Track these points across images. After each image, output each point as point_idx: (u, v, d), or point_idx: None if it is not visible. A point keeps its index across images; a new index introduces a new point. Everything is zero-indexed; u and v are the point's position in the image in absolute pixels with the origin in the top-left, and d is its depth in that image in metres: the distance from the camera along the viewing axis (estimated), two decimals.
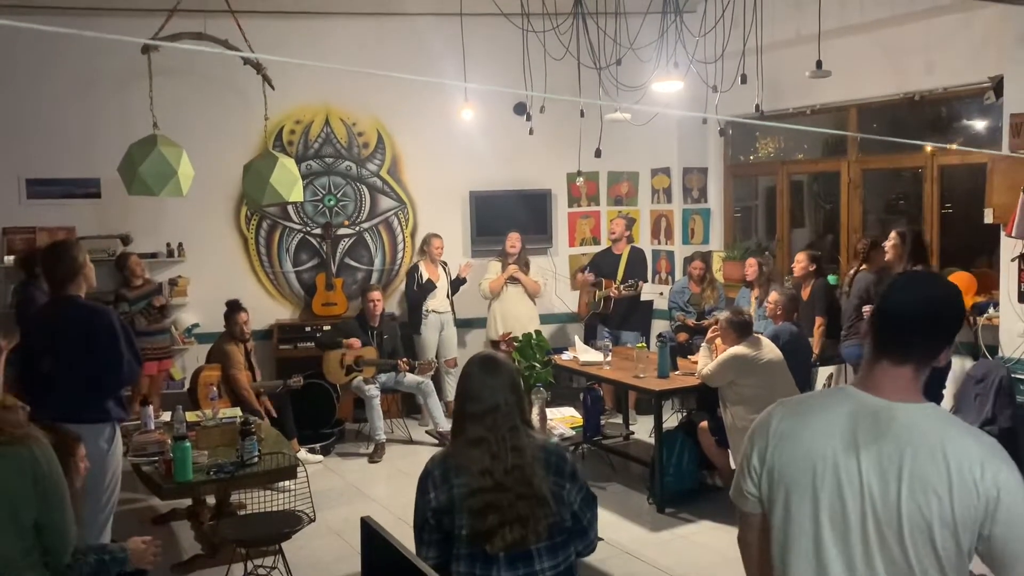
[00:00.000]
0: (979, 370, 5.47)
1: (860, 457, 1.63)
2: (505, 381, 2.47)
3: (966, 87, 5.89)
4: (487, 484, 2.34)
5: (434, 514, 2.40)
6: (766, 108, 6.47)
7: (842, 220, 7.05)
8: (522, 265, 7.28)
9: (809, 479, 1.68)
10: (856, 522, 1.64)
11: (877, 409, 1.67)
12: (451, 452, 2.47)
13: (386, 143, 7.63)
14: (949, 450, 1.59)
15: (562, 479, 2.40)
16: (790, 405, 1.81)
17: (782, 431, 1.75)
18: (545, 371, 4.72)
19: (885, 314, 1.71)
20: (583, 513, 2.45)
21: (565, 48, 5.88)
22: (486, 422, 2.40)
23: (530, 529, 2.33)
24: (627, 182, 8.41)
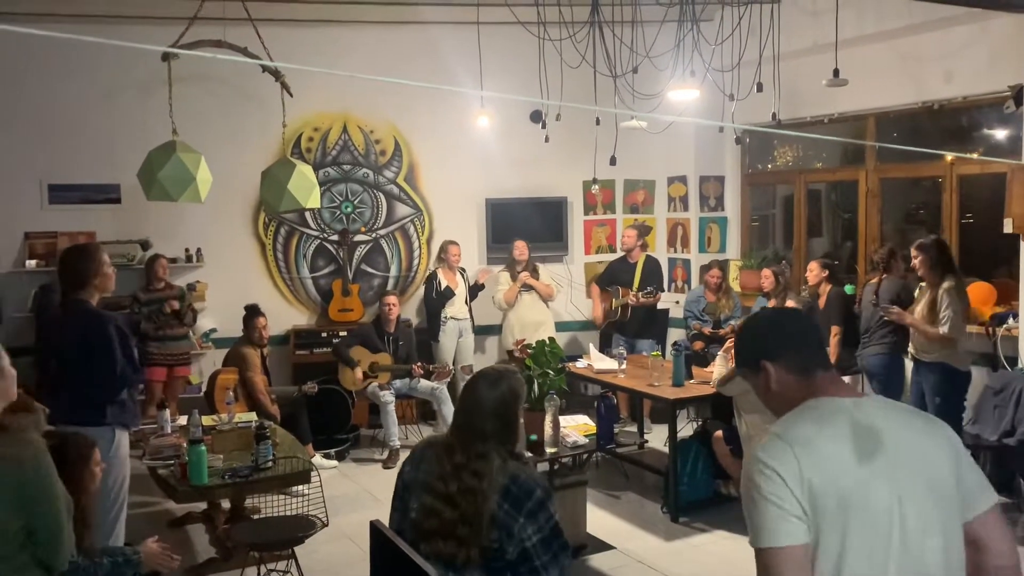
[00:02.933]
0: (998, 381, 5.42)
1: (875, 455, 1.67)
2: (498, 403, 2.44)
3: (985, 96, 5.86)
4: (438, 490, 2.37)
5: (403, 485, 2.50)
6: (783, 117, 6.46)
7: (860, 229, 7.01)
8: (532, 271, 7.30)
9: (849, 486, 1.64)
10: (883, 525, 1.64)
11: (855, 407, 1.74)
12: (432, 442, 2.56)
13: (403, 150, 7.68)
14: (919, 423, 1.76)
15: (517, 513, 2.31)
16: (787, 425, 1.74)
17: (802, 449, 1.66)
18: (559, 378, 4.70)
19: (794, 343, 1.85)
20: (538, 554, 2.31)
21: (581, 56, 5.88)
22: (462, 437, 2.42)
23: (461, 551, 2.30)
24: (643, 190, 8.40)
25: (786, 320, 2.00)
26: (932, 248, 5.07)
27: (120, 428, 3.87)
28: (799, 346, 1.83)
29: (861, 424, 1.70)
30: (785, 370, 1.82)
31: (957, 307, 4.90)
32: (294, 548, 3.98)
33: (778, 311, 1.93)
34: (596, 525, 5.07)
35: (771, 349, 1.84)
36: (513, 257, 7.33)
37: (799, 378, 1.81)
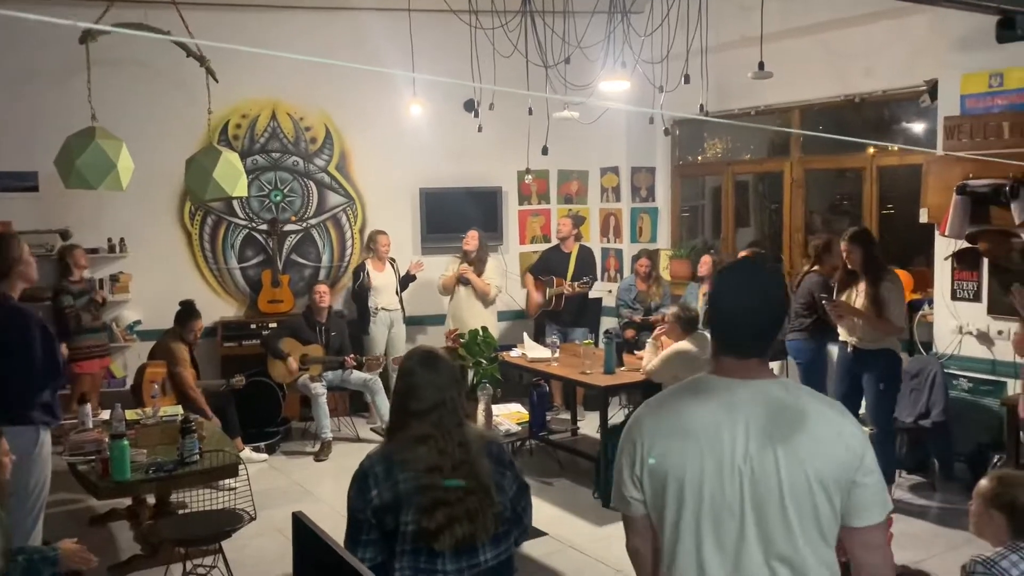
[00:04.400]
0: (914, 366, 5.63)
1: (737, 437, 1.70)
2: (447, 377, 2.45)
3: (903, 90, 6.06)
4: (435, 481, 2.32)
5: (375, 512, 2.32)
6: (712, 109, 6.58)
7: (785, 219, 7.19)
8: (478, 264, 7.13)
9: (691, 467, 1.71)
10: (736, 503, 1.68)
11: (741, 388, 1.74)
12: (393, 448, 2.41)
13: (334, 139, 7.57)
14: (815, 416, 1.71)
15: (502, 467, 2.41)
16: (658, 401, 1.85)
17: (657, 428, 1.78)
18: (492, 367, 4.73)
19: (716, 321, 1.83)
20: (518, 501, 2.44)
21: (513, 46, 5.88)
22: (431, 419, 2.37)
23: (479, 525, 2.31)
24: (577, 181, 8.47)
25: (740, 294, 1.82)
26: (865, 241, 5.05)
27: (43, 427, 3.73)
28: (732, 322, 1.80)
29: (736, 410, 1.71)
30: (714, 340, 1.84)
31: (900, 298, 4.96)
32: (221, 543, 3.91)
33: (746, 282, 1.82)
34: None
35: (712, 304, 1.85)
36: (462, 246, 7.14)
37: (716, 354, 1.82)
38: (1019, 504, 2.49)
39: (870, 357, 4.99)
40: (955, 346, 5.53)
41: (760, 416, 1.70)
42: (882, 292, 4.88)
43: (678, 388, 1.84)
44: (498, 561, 2.38)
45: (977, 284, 5.42)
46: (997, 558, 2.42)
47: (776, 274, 1.90)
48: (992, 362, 5.36)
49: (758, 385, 1.75)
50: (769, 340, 1.81)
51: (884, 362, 4.97)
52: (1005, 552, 2.44)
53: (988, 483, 2.61)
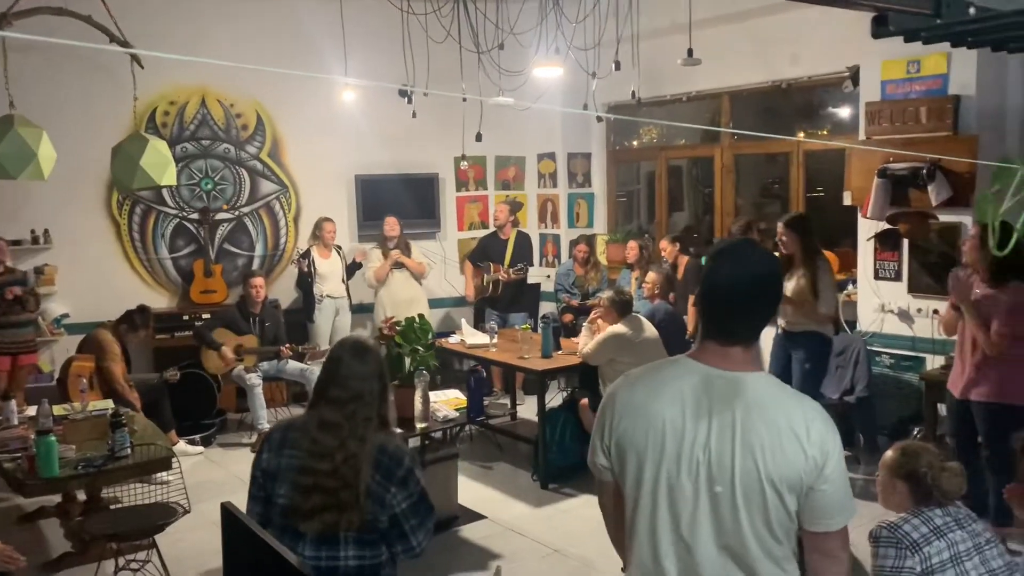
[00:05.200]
0: (840, 344, 5.80)
1: (700, 424, 1.71)
2: (373, 370, 2.48)
3: (828, 76, 6.21)
4: (323, 467, 2.36)
5: (263, 474, 2.45)
6: (644, 95, 6.66)
7: (716, 203, 7.34)
8: (403, 248, 7.23)
9: (652, 446, 1.74)
10: (689, 487, 1.71)
11: (715, 378, 1.73)
12: (295, 423, 2.50)
13: (266, 125, 7.45)
14: (782, 416, 1.68)
15: (388, 482, 2.39)
16: (635, 376, 1.85)
17: (628, 402, 1.80)
18: (428, 354, 4.73)
19: (706, 302, 1.77)
20: (405, 519, 2.41)
21: (446, 31, 5.87)
22: (346, 410, 2.41)
23: (344, 517, 2.35)
24: (514, 167, 8.50)
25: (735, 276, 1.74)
26: (801, 228, 5.09)
27: None
28: (723, 304, 1.75)
29: (705, 401, 1.71)
30: (701, 322, 1.81)
31: (831, 283, 5.09)
32: (154, 537, 3.86)
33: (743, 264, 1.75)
34: (468, 496, 5.15)
35: (703, 283, 1.79)
36: (384, 234, 7.25)
37: (701, 336, 1.79)
38: (920, 473, 2.61)
39: (798, 338, 5.14)
40: (878, 324, 5.74)
41: (727, 409, 1.69)
42: (815, 280, 4.96)
43: (657, 367, 1.85)
44: (359, 564, 2.40)
45: (898, 264, 5.62)
46: (900, 522, 2.55)
47: (773, 259, 1.84)
48: (912, 339, 5.58)
49: (735, 378, 1.72)
50: (758, 328, 1.77)
51: (810, 343, 5.11)
52: (908, 517, 2.57)
53: (892, 454, 2.73)
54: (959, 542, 2.52)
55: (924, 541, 2.50)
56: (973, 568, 2.50)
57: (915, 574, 2.47)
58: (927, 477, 2.61)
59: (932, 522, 2.54)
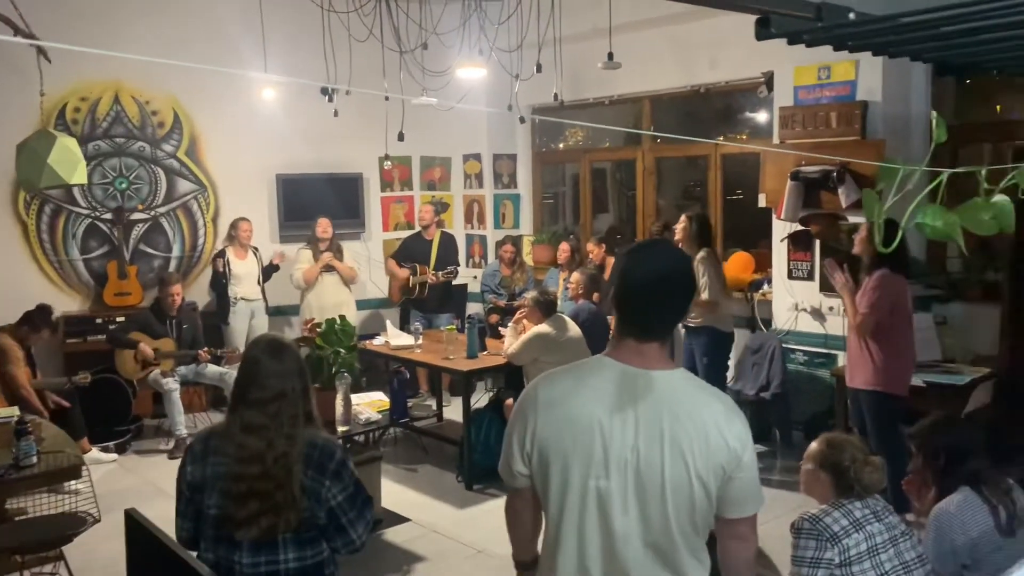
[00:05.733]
0: (756, 341, 5.99)
1: (626, 425, 1.72)
2: (293, 367, 2.44)
3: (744, 81, 6.39)
4: (254, 471, 2.30)
5: (188, 487, 2.40)
6: (568, 98, 6.72)
7: (638, 205, 7.47)
8: (335, 251, 7.11)
9: (579, 450, 1.73)
10: (618, 490, 1.72)
11: (636, 377, 1.75)
12: (217, 431, 2.44)
13: (183, 123, 7.25)
14: (705, 411, 1.74)
15: (322, 476, 2.35)
16: (553, 380, 1.82)
17: (549, 407, 1.77)
18: (350, 356, 4.68)
19: (623, 300, 1.79)
20: (342, 512, 2.38)
21: (368, 30, 5.82)
22: (269, 410, 2.36)
23: (282, 518, 2.31)
24: (440, 167, 8.48)
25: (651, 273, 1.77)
26: (695, 221, 5.44)
27: None
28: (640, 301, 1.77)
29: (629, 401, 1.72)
30: (614, 311, 1.82)
31: (712, 273, 5.35)
32: (62, 548, 3.72)
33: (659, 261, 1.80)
34: (393, 499, 5.12)
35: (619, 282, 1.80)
36: (316, 235, 7.10)
37: (618, 335, 1.80)
38: (843, 466, 2.69)
39: (695, 333, 5.40)
40: (792, 322, 5.92)
41: (651, 408, 1.72)
42: (695, 267, 5.23)
43: (575, 368, 1.84)
44: (301, 565, 2.36)
45: (810, 264, 5.82)
46: (821, 514, 2.62)
47: (685, 257, 1.89)
48: (824, 336, 5.77)
49: (655, 376, 1.75)
50: (672, 324, 1.82)
51: (706, 338, 5.37)
52: (829, 509, 2.64)
53: (816, 445, 2.81)
54: (876, 534, 2.61)
55: (844, 533, 2.57)
56: (888, 560, 2.59)
57: (834, 565, 2.55)
58: (850, 471, 2.68)
59: (852, 515, 2.62)
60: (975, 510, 2.80)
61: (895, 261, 4.25)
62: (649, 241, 2.02)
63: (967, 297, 5.59)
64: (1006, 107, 6.10)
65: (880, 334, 4.27)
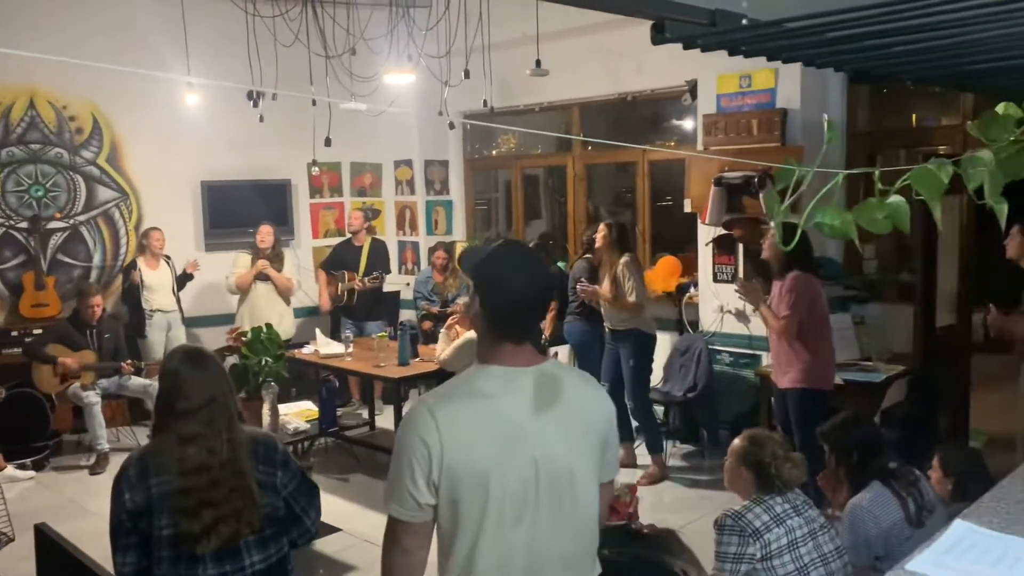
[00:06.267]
0: (683, 343, 6.11)
1: (528, 429, 1.72)
2: (216, 372, 2.43)
3: (669, 89, 6.51)
4: (202, 482, 2.26)
5: (130, 516, 2.29)
6: (498, 104, 6.76)
7: (569, 212, 7.54)
8: (275, 260, 6.92)
9: (493, 460, 1.69)
10: (532, 493, 1.72)
11: (524, 378, 1.75)
12: (151, 450, 2.37)
13: (103, 129, 7.04)
14: (585, 392, 1.84)
15: (272, 467, 2.38)
16: (445, 398, 1.76)
17: (451, 423, 1.69)
18: (277, 365, 4.61)
19: (501, 306, 1.76)
20: (296, 501, 2.42)
21: (295, 35, 5.76)
22: (201, 417, 2.32)
23: (243, 522, 2.29)
24: (371, 173, 8.42)
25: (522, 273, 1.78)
26: (614, 229, 5.52)
27: None
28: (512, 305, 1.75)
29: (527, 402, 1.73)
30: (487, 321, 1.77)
31: (638, 276, 5.44)
32: None
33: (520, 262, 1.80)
34: (323, 510, 4.97)
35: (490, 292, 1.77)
36: (256, 243, 6.84)
37: (494, 342, 1.77)
38: (765, 463, 2.77)
39: (621, 337, 5.49)
40: (717, 324, 6.06)
41: (546, 403, 1.74)
42: (619, 272, 5.35)
43: (463, 384, 1.78)
44: (267, 565, 2.35)
45: (734, 267, 5.96)
46: (743, 511, 2.69)
47: (538, 255, 1.96)
48: (748, 337, 5.92)
49: (539, 371, 1.76)
50: (540, 321, 1.88)
51: (632, 341, 5.46)
52: (751, 505, 2.72)
53: (740, 442, 2.89)
54: (796, 528, 2.69)
55: (765, 529, 2.65)
56: (807, 553, 2.68)
57: (756, 560, 2.62)
58: (771, 467, 2.76)
59: (773, 510, 2.70)
60: (886, 503, 2.91)
61: (804, 262, 4.40)
62: (504, 246, 1.98)
63: (883, 297, 5.81)
64: (920, 115, 6.37)
65: (801, 333, 4.40)
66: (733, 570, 2.61)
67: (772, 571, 2.60)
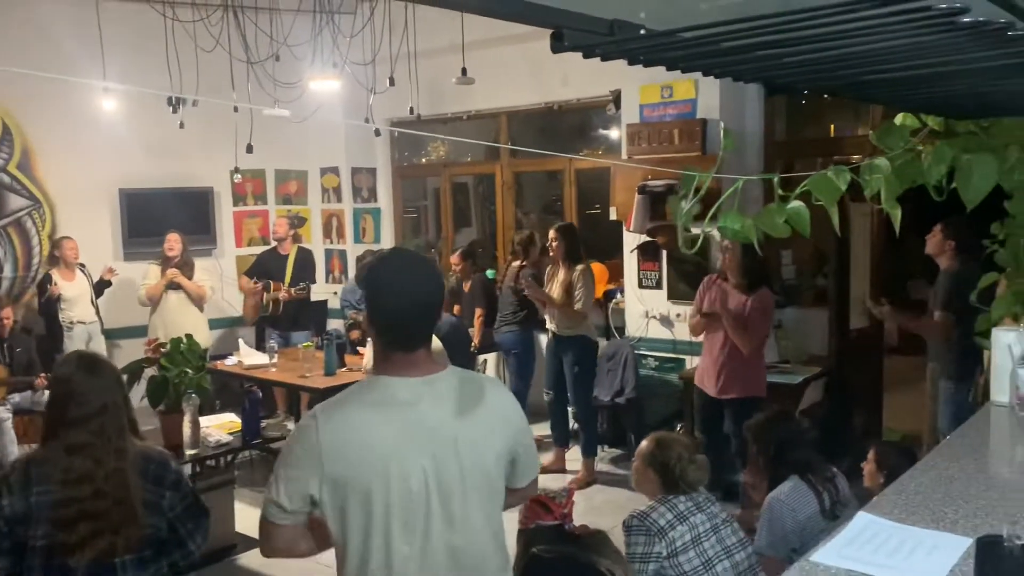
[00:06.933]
0: (610, 349, 6.19)
1: (418, 438, 1.72)
2: (111, 379, 2.39)
3: (595, 99, 6.60)
4: (84, 492, 2.21)
5: (7, 522, 2.24)
6: (426, 112, 6.76)
7: (498, 219, 7.58)
8: (185, 268, 6.79)
9: (376, 472, 1.69)
10: (422, 500, 1.72)
11: (415, 386, 1.74)
12: (36, 458, 2.32)
13: (14, 134, 6.77)
14: (486, 400, 1.80)
15: (161, 488, 2.33)
16: (332, 409, 1.76)
17: (334, 436, 1.70)
18: (198, 377, 4.50)
19: (388, 314, 1.77)
20: (182, 523, 2.36)
21: (215, 40, 5.65)
22: (92, 426, 2.27)
23: (120, 537, 2.24)
24: (296, 181, 8.31)
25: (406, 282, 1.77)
26: (568, 234, 5.56)
27: None
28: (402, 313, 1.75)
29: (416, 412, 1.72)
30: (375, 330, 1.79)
31: (590, 285, 5.48)
32: None
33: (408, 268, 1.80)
34: (248, 523, 4.93)
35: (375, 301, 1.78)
36: (164, 252, 6.70)
37: (384, 351, 1.78)
38: (671, 464, 2.84)
39: (566, 342, 5.50)
40: (643, 329, 6.16)
41: (439, 416, 1.73)
42: (574, 279, 5.38)
43: (355, 395, 1.78)
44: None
45: (659, 273, 6.08)
46: (648, 511, 2.76)
47: (430, 260, 1.99)
48: (673, 342, 6.03)
49: (434, 380, 1.76)
50: (432, 327, 1.82)
51: (578, 347, 5.48)
52: (655, 505, 2.79)
53: (646, 444, 2.96)
54: (699, 524, 2.77)
55: (669, 527, 2.71)
56: (711, 547, 2.76)
57: (662, 558, 2.68)
58: (675, 468, 2.84)
59: (676, 508, 2.77)
60: (803, 496, 3.01)
61: (768, 279, 4.58)
62: (391, 253, 2.01)
63: (800, 302, 6.00)
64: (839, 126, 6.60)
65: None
66: (641, 569, 2.67)
67: (679, 567, 2.67)
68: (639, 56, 1.12)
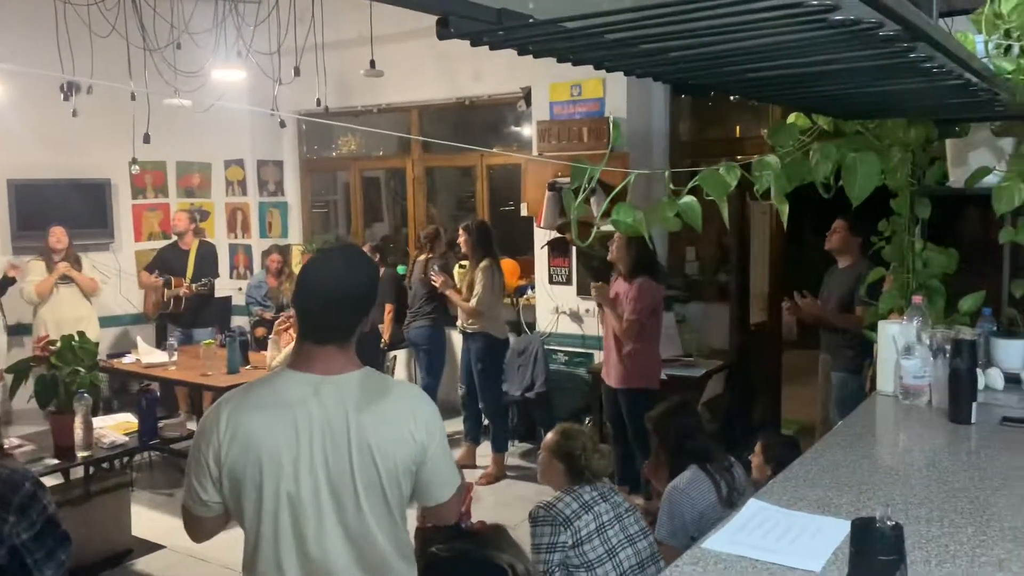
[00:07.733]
0: (521, 344, 6.22)
1: (314, 436, 1.71)
2: None
3: (506, 96, 6.62)
4: None
5: None
6: (335, 104, 6.65)
7: (409, 214, 7.52)
8: (72, 262, 6.50)
9: (268, 472, 1.70)
10: (311, 504, 1.71)
11: (320, 384, 1.74)
12: None
13: None
14: (390, 407, 1.77)
15: (5, 512, 2.17)
16: (235, 399, 1.77)
17: (234, 427, 1.71)
18: (91, 375, 4.31)
19: (301, 303, 1.81)
20: (29, 552, 2.21)
21: (111, 26, 5.42)
22: None
23: None
24: (199, 173, 8.05)
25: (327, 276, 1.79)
26: (475, 230, 5.56)
27: None
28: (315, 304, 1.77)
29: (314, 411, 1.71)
30: (296, 320, 1.83)
31: (488, 283, 5.48)
32: None
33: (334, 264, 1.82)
34: (146, 527, 4.77)
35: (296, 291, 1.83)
36: (48, 246, 6.44)
37: (299, 341, 1.80)
38: (576, 455, 2.88)
39: (470, 339, 5.57)
40: (553, 324, 6.22)
41: (338, 415, 1.71)
42: (473, 276, 5.44)
43: (258, 386, 1.79)
44: None
45: (568, 269, 6.14)
46: (554, 501, 2.79)
47: (366, 258, 1.93)
48: (582, 337, 6.10)
49: (339, 381, 1.74)
50: (351, 328, 1.78)
51: (480, 344, 5.54)
52: (561, 495, 2.82)
53: (552, 436, 2.98)
54: (603, 513, 2.81)
55: (575, 516, 2.75)
56: (615, 535, 2.80)
57: (568, 547, 2.71)
58: (580, 458, 2.87)
59: (582, 498, 2.81)
60: (701, 485, 3.09)
61: (650, 268, 4.62)
62: (332, 247, 2.05)
63: (703, 297, 6.15)
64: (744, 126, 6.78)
65: (637, 336, 4.60)
66: (547, 559, 2.70)
67: (583, 555, 2.70)
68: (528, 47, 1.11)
